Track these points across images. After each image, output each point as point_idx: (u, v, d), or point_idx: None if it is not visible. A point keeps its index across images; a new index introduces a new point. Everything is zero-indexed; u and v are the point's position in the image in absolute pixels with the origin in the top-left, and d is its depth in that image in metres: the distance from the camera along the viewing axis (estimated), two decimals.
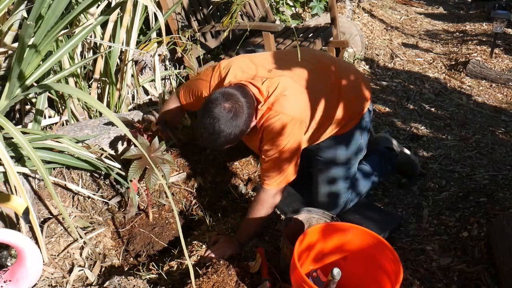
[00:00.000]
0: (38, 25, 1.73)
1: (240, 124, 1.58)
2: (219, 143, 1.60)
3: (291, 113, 1.63)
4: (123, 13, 2.20)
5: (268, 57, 1.84)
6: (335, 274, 1.27)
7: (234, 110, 1.56)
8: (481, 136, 2.88)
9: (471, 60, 3.95)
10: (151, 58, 2.50)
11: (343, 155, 1.94)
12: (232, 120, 1.56)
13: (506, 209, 2.04)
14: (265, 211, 1.73)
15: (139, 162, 1.77)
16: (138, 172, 1.76)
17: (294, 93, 1.67)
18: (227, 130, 1.56)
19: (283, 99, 1.63)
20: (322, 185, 2.00)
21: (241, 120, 1.58)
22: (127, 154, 1.78)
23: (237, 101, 1.57)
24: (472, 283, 1.73)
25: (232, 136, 1.58)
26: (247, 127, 1.63)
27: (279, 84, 1.66)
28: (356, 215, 2.06)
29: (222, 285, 1.52)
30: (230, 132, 1.57)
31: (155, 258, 1.89)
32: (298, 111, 1.65)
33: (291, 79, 1.70)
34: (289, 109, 1.63)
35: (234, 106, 1.56)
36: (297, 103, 1.66)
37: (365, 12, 5.14)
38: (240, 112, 1.57)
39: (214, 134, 1.56)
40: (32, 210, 1.61)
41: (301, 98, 1.69)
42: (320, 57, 1.93)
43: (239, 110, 1.57)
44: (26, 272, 1.38)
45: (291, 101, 1.64)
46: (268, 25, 2.65)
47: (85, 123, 2.10)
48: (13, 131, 1.54)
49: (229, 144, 1.64)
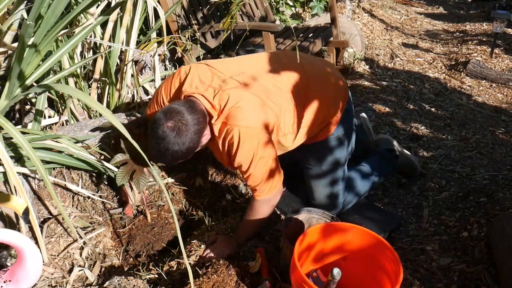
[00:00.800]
0: (38, 25, 1.73)
1: (186, 142, 1.56)
2: (169, 160, 1.62)
3: (246, 123, 1.58)
4: (123, 13, 2.20)
5: (229, 64, 1.78)
6: (335, 274, 1.27)
7: (177, 128, 1.54)
8: (481, 136, 2.88)
9: (471, 60, 3.95)
10: (151, 58, 2.50)
11: (332, 159, 1.92)
12: (176, 138, 1.54)
13: (506, 209, 2.04)
14: (261, 215, 1.73)
15: (125, 167, 1.77)
16: (126, 177, 1.76)
17: (247, 103, 1.61)
18: (172, 147, 1.55)
19: (235, 112, 1.58)
20: (315, 189, 2.00)
21: (186, 137, 1.56)
22: (112, 161, 1.78)
23: (181, 119, 1.55)
24: (472, 283, 1.73)
25: (180, 153, 1.58)
26: (196, 143, 1.61)
27: (230, 97, 1.60)
28: (356, 215, 2.06)
29: (222, 285, 1.52)
30: (177, 149, 1.56)
31: (155, 258, 1.89)
32: (254, 120, 1.60)
33: (243, 89, 1.64)
34: (243, 120, 1.58)
35: (177, 125, 1.54)
36: (252, 112, 1.61)
37: (365, 12, 5.14)
38: (184, 130, 1.55)
39: (161, 153, 1.58)
40: (32, 210, 1.61)
41: (258, 107, 1.63)
42: (290, 59, 1.84)
43: (182, 128, 1.55)
44: (26, 272, 1.38)
45: (245, 111, 1.59)
46: (268, 25, 2.65)
47: (85, 123, 2.10)
48: (13, 131, 1.54)
49: (180, 159, 1.63)
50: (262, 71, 1.74)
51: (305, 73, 1.79)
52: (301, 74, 1.78)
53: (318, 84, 1.81)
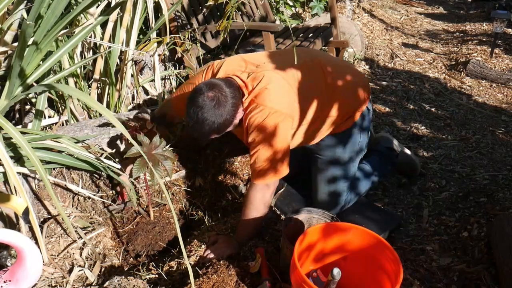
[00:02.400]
0: (38, 24, 1.73)
1: (223, 113, 1.61)
2: (204, 131, 1.64)
3: (273, 105, 1.63)
4: (123, 13, 2.20)
5: (261, 55, 1.87)
6: (335, 274, 1.27)
7: (217, 99, 1.59)
8: (481, 136, 2.88)
9: (471, 60, 3.95)
10: (151, 58, 2.50)
11: (343, 154, 1.94)
12: (215, 109, 1.59)
13: (506, 209, 2.04)
14: (256, 208, 1.71)
15: (142, 160, 1.78)
16: (141, 169, 1.77)
17: (279, 87, 1.68)
18: (210, 118, 1.60)
19: (266, 92, 1.65)
20: (321, 184, 2.00)
21: (224, 109, 1.61)
22: (128, 153, 1.78)
23: (220, 90, 1.61)
24: (472, 283, 1.73)
25: (216, 124, 1.62)
26: (232, 117, 1.65)
27: (263, 78, 1.67)
28: (356, 215, 2.05)
29: (222, 285, 1.52)
30: (214, 120, 1.60)
31: (155, 258, 1.89)
32: (281, 105, 1.65)
33: (278, 74, 1.71)
34: (271, 102, 1.64)
35: (217, 95, 1.60)
36: (281, 97, 1.67)
37: (365, 12, 5.14)
38: (223, 101, 1.60)
39: (198, 123, 1.61)
40: (31, 210, 1.61)
41: (287, 93, 1.69)
42: (316, 57, 1.93)
43: (222, 99, 1.60)
44: (26, 272, 1.38)
45: (274, 94, 1.65)
46: (268, 25, 2.65)
47: (85, 123, 2.10)
48: (12, 131, 1.54)
49: (214, 133, 1.66)
50: (294, 65, 1.78)
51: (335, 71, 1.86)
52: (331, 72, 1.85)
53: (344, 82, 1.86)
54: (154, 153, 1.81)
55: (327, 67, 1.86)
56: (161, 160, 1.81)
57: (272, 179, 1.69)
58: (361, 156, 2.04)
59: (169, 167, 1.82)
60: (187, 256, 1.74)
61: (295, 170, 2.22)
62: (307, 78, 1.78)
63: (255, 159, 1.67)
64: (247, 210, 1.72)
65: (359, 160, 2.04)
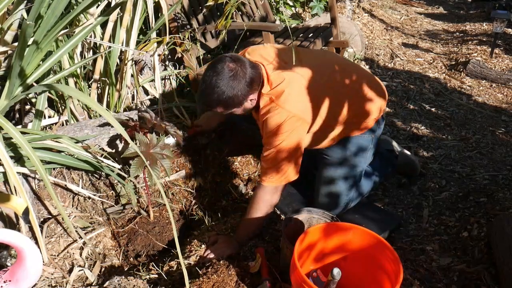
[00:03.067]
0: (38, 24, 1.73)
1: (236, 88, 1.60)
2: (212, 99, 1.62)
3: (291, 109, 1.63)
4: (123, 13, 2.20)
5: (289, 52, 1.82)
6: (335, 274, 1.27)
7: (235, 71, 1.59)
8: (481, 136, 2.88)
9: (471, 60, 3.95)
10: (150, 58, 2.50)
11: (351, 157, 1.95)
12: (229, 80, 1.58)
13: (506, 209, 2.04)
14: (262, 210, 1.72)
15: (139, 159, 1.78)
16: (139, 169, 1.77)
17: (299, 91, 1.67)
18: (222, 87, 1.59)
19: (285, 95, 1.64)
20: (325, 184, 2.00)
21: (239, 84, 1.60)
22: (126, 152, 1.78)
23: (242, 66, 1.61)
24: (472, 283, 1.73)
25: (225, 96, 1.60)
26: (243, 97, 1.64)
27: (285, 79, 1.66)
28: (356, 215, 2.06)
29: (222, 285, 1.52)
30: (224, 90, 1.59)
31: (155, 258, 1.89)
32: (299, 109, 1.65)
33: (301, 77, 1.70)
34: (289, 105, 1.63)
35: (237, 69, 1.59)
36: (300, 102, 1.67)
37: (365, 12, 5.14)
38: (241, 76, 1.59)
39: (209, 88, 1.60)
40: (31, 210, 1.61)
41: (305, 97, 1.68)
42: (338, 61, 1.95)
43: (240, 73, 1.59)
44: (26, 272, 1.38)
45: (293, 98, 1.65)
46: (267, 25, 2.65)
47: (85, 123, 2.09)
48: (12, 131, 1.54)
49: (221, 105, 1.64)
50: (316, 68, 1.78)
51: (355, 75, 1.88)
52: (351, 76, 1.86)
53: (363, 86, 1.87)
54: (152, 152, 1.81)
55: (352, 75, 1.87)
56: (159, 159, 1.81)
57: (283, 182, 1.70)
58: (369, 162, 2.05)
59: (167, 166, 1.81)
60: (188, 256, 1.74)
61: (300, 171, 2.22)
62: (326, 81, 1.78)
63: (267, 160, 1.67)
64: (252, 210, 1.72)
65: (366, 164, 2.04)
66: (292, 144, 1.64)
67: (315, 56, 1.94)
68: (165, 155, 1.83)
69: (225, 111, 1.70)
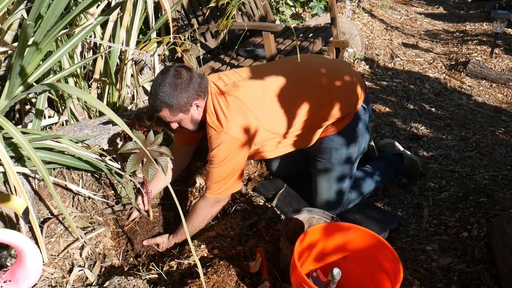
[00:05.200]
0: (38, 25, 1.73)
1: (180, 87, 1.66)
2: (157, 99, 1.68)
3: (232, 132, 1.68)
4: (123, 13, 2.20)
5: (243, 70, 1.87)
6: (335, 274, 1.27)
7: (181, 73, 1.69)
8: (481, 136, 2.88)
9: (471, 60, 3.95)
10: (150, 58, 2.50)
11: (343, 155, 1.94)
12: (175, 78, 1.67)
13: (506, 209, 2.04)
14: (202, 220, 1.85)
15: (136, 155, 1.78)
16: (135, 165, 1.77)
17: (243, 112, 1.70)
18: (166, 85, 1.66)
19: (230, 116, 1.69)
20: (322, 184, 2.00)
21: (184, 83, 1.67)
22: (123, 148, 1.78)
23: (188, 70, 1.71)
24: (472, 283, 1.73)
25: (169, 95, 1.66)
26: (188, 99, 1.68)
27: (233, 99, 1.71)
28: (356, 214, 2.06)
29: (222, 285, 1.52)
30: (168, 89, 1.66)
31: (155, 258, 1.89)
32: (239, 131, 1.69)
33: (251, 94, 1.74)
34: (230, 127, 1.68)
35: (182, 71, 1.69)
36: (243, 122, 1.70)
37: (365, 12, 5.14)
38: (186, 78, 1.69)
39: (155, 88, 1.69)
40: (32, 210, 1.61)
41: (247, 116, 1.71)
42: (308, 61, 1.94)
43: (185, 76, 1.69)
44: (26, 272, 1.38)
45: (237, 119, 1.69)
46: (268, 25, 2.65)
47: (85, 123, 2.10)
48: (13, 131, 1.54)
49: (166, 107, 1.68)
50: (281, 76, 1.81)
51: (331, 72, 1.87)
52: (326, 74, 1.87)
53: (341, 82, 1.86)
54: (149, 150, 1.81)
55: (320, 69, 1.86)
56: (156, 157, 1.80)
57: (223, 196, 1.80)
58: (360, 155, 2.03)
59: (164, 164, 1.81)
60: (188, 256, 1.74)
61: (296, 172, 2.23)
62: (296, 86, 1.80)
63: (208, 176, 1.77)
64: (193, 219, 1.83)
65: (358, 159, 2.03)
66: (231, 163, 1.72)
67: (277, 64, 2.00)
68: (162, 153, 1.83)
69: (172, 117, 1.73)
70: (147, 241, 1.94)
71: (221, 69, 2.82)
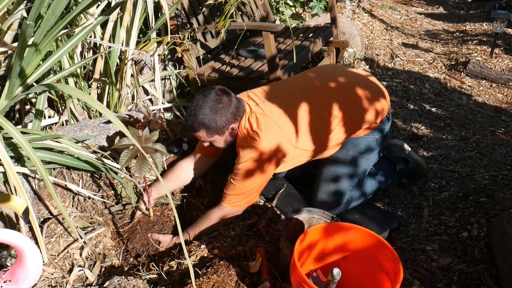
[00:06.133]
0: (38, 24, 1.73)
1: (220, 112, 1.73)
2: (195, 120, 1.74)
3: (263, 146, 1.72)
4: (123, 13, 2.20)
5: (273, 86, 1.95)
6: (335, 274, 1.27)
7: (221, 97, 1.75)
8: (481, 136, 2.88)
9: (471, 60, 3.95)
10: (150, 58, 2.50)
11: (354, 156, 1.96)
12: (215, 103, 1.73)
13: (506, 209, 2.04)
14: (213, 226, 1.85)
15: (129, 150, 1.78)
16: (128, 161, 1.77)
17: (273, 128, 1.74)
18: (207, 109, 1.72)
19: (260, 132, 1.73)
20: (326, 182, 2.00)
21: (223, 109, 1.73)
22: (117, 144, 1.79)
23: (228, 95, 1.76)
24: (472, 283, 1.73)
25: (209, 118, 1.72)
26: (226, 122, 1.75)
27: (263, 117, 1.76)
28: (356, 214, 2.06)
29: (222, 285, 1.52)
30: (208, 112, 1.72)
31: (155, 258, 1.89)
32: (271, 144, 1.73)
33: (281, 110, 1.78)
34: (263, 141, 1.72)
35: (223, 96, 1.75)
36: (274, 139, 1.74)
37: (365, 12, 5.14)
38: (226, 102, 1.74)
39: (195, 109, 1.74)
40: (31, 210, 1.61)
41: (281, 132, 1.76)
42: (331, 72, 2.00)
43: (225, 100, 1.75)
44: (26, 272, 1.38)
45: (267, 136, 1.73)
46: (268, 25, 2.65)
47: (85, 123, 2.10)
48: (13, 131, 1.54)
49: (203, 128, 1.74)
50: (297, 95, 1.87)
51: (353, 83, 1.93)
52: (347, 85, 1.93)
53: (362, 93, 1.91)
54: (144, 146, 1.81)
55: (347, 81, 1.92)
56: (150, 153, 1.80)
57: (239, 208, 1.84)
58: (374, 161, 2.07)
59: (158, 161, 1.81)
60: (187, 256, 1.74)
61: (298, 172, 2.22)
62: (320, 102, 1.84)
63: (230, 187, 1.80)
64: (203, 225, 1.85)
65: (371, 164, 2.05)
66: (258, 179, 1.76)
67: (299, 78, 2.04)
68: (157, 149, 1.82)
69: (207, 137, 1.79)
70: (151, 235, 1.95)
71: (221, 69, 2.82)
